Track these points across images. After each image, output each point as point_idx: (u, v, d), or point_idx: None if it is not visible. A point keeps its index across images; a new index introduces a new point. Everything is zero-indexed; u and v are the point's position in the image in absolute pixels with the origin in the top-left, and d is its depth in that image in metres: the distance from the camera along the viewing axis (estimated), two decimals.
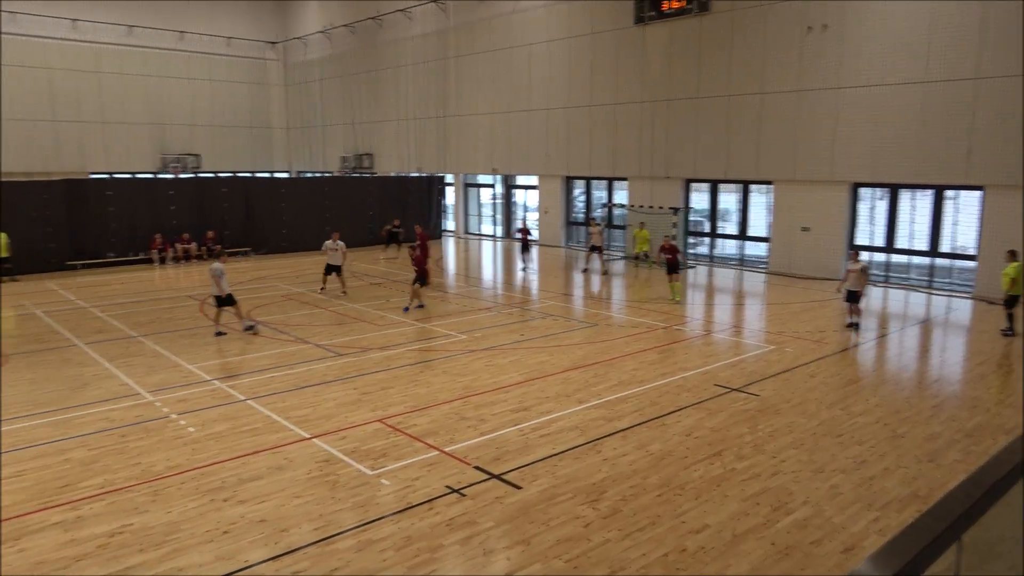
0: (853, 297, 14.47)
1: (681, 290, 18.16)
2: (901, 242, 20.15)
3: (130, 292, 19.43)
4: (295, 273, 22.42)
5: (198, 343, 13.58)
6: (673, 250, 17.48)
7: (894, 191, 20.04)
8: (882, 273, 20.53)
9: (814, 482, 7.55)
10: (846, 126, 20.08)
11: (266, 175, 42.35)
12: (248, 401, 10.20)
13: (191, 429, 9.12)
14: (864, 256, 17.42)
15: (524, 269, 22.86)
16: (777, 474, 7.75)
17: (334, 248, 18.42)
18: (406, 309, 16.41)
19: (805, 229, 21.33)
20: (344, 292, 18.53)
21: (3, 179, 23.13)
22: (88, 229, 23.44)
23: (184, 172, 39.17)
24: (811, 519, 6.76)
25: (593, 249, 22.39)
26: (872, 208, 20.87)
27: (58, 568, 5.95)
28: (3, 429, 9.17)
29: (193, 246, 25.31)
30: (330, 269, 18.56)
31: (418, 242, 20.16)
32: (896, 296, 18.84)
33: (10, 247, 20.92)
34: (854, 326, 14.52)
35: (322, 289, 18.76)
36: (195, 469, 7.89)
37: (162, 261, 24.59)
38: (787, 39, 21.04)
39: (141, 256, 24.47)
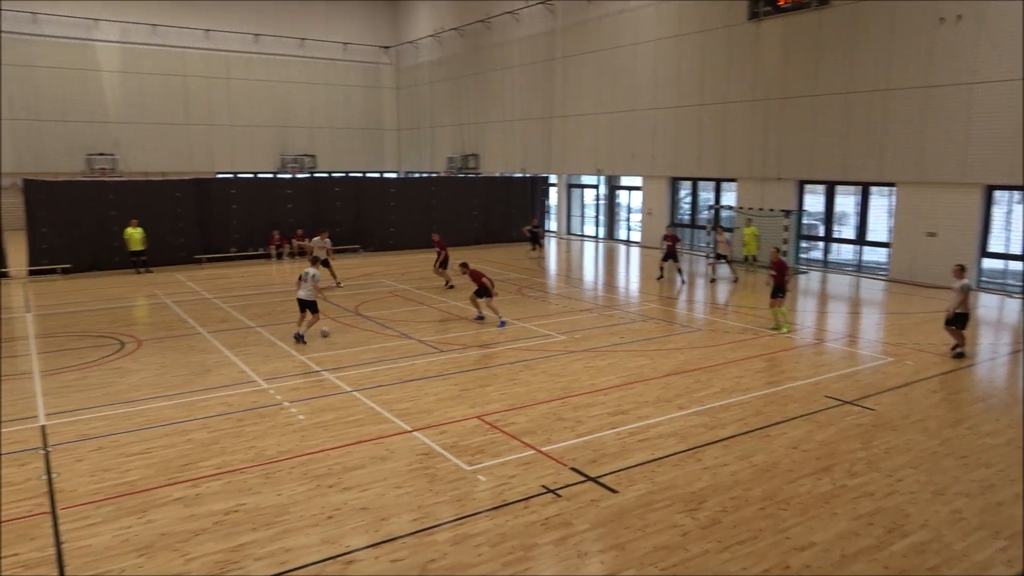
0: (953, 320, 12.42)
1: (786, 316, 15.16)
2: None
3: (249, 285, 20.60)
4: (401, 270, 23.08)
5: (309, 335, 14.20)
6: (781, 267, 14.37)
7: None
8: (1019, 283, 18.94)
9: (934, 505, 7.06)
10: (980, 124, 18.63)
11: (376, 175, 43.90)
12: (353, 392, 10.59)
13: (301, 417, 9.56)
14: (992, 266, 15.66)
15: (660, 278, 20.87)
16: (892, 494, 7.30)
17: (322, 245, 19.70)
18: (502, 323, 14.96)
19: (931, 234, 19.97)
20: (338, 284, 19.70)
21: (143, 179, 25.07)
22: (213, 225, 25.01)
23: (301, 172, 41.21)
24: (929, 544, 6.33)
25: (719, 257, 21.35)
26: (1008, 212, 19.28)
27: (179, 540, 6.38)
28: (136, 408, 9.94)
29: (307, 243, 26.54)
30: (316, 262, 19.37)
31: (438, 250, 20.03)
32: None
33: (145, 241, 22.64)
34: (958, 354, 12.52)
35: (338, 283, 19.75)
36: (304, 455, 8.26)
37: (279, 256, 25.93)
38: (915, 32, 19.76)
39: (260, 251, 25.90)
